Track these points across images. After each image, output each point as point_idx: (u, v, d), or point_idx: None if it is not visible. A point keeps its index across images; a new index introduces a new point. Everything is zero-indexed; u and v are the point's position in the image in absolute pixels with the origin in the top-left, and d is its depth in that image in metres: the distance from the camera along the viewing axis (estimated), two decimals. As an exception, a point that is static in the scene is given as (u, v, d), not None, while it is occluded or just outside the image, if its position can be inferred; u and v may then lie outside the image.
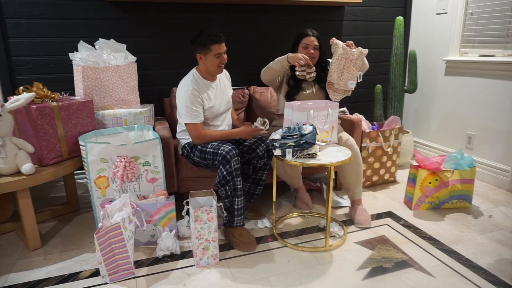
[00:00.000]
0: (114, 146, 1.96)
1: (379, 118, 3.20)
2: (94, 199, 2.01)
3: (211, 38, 2.03)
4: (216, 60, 2.08)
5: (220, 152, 1.99)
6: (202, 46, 2.07)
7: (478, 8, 2.87)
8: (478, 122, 2.92)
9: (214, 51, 2.05)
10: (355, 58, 2.21)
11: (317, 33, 2.35)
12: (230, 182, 1.95)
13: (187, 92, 2.08)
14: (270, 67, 2.33)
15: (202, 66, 2.15)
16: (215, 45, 2.04)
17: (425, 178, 2.37)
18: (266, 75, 2.38)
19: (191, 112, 2.09)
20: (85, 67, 2.24)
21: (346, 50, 2.20)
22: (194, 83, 2.11)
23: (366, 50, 2.22)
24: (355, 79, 2.26)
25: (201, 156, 2.13)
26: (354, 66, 2.24)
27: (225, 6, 2.84)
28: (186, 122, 2.12)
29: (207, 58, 2.08)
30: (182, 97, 2.11)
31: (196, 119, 2.10)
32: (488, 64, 2.78)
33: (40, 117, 1.95)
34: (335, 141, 2.17)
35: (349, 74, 2.25)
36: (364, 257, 1.91)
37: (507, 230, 2.16)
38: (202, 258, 1.84)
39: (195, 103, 2.09)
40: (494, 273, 1.76)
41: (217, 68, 2.12)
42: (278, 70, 2.30)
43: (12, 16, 2.43)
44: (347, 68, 2.24)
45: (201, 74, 2.16)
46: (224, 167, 1.96)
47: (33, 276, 1.79)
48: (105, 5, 2.59)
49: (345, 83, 2.27)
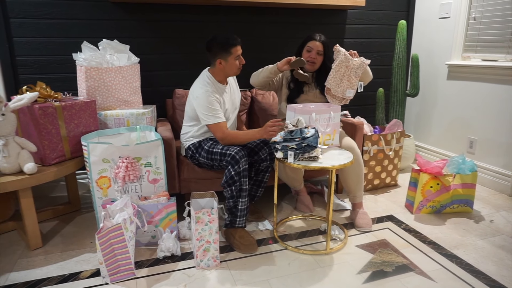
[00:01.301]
0: (116, 146, 1.97)
1: (381, 121, 3.20)
2: (96, 199, 2.02)
3: (231, 41, 2.04)
4: (236, 62, 2.09)
5: (229, 152, 1.99)
6: (222, 51, 2.05)
7: (481, 13, 2.87)
8: (480, 127, 2.92)
9: (234, 54, 2.06)
10: (355, 67, 2.17)
11: (324, 38, 2.32)
12: (237, 182, 1.95)
13: (207, 93, 2.06)
14: (258, 72, 2.35)
15: (220, 71, 2.12)
16: (235, 48, 2.05)
17: (427, 182, 2.37)
18: (254, 78, 2.39)
19: (213, 112, 2.06)
20: (88, 68, 2.25)
21: (348, 57, 2.16)
22: (210, 85, 2.10)
23: (368, 60, 2.18)
24: (354, 88, 2.22)
25: (207, 157, 2.13)
26: (354, 75, 2.19)
27: (229, 9, 2.85)
28: (210, 123, 2.07)
29: (228, 62, 2.08)
30: (201, 99, 2.07)
31: (219, 118, 2.07)
32: (491, 69, 2.78)
33: (43, 117, 1.96)
34: (337, 144, 2.17)
35: (349, 82, 2.20)
36: (364, 261, 1.91)
37: (508, 235, 2.15)
38: (203, 259, 1.84)
39: (215, 103, 2.07)
40: (495, 278, 1.75)
41: (237, 70, 2.13)
42: (265, 76, 2.30)
43: (16, 16, 2.45)
44: (346, 76, 2.20)
45: (216, 78, 2.15)
46: (233, 167, 1.96)
47: (33, 276, 1.79)
48: (109, 5, 2.60)
49: (343, 91, 2.23)
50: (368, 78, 2.29)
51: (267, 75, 2.29)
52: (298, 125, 1.94)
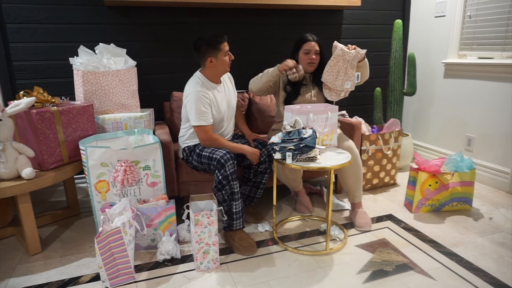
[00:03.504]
0: (114, 150, 1.97)
1: (378, 121, 3.21)
2: (95, 203, 2.01)
3: (218, 38, 2.04)
4: (226, 58, 2.09)
5: (215, 156, 1.98)
6: (211, 48, 2.04)
7: (477, 11, 2.88)
8: (477, 124, 2.93)
9: (223, 50, 2.06)
10: (351, 59, 2.18)
11: (316, 37, 2.34)
12: (226, 186, 1.95)
13: (196, 93, 2.05)
14: (259, 78, 2.31)
15: (211, 69, 2.11)
16: (223, 44, 2.05)
17: (425, 180, 2.37)
18: (254, 84, 2.34)
19: (200, 113, 2.05)
20: (85, 72, 2.25)
21: (344, 51, 2.16)
22: (201, 85, 2.09)
23: (363, 50, 2.18)
24: (352, 79, 2.23)
25: (198, 160, 2.13)
26: (350, 67, 2.20)
27: (225, 10, 2.86)
28: (195, 124, 2.07)
29: (218, 59, 2.07)
30: (190, 99, 2.07)
31: (205, 121, 2.06)
32: (487, 67, 2.79)
33: (40, 122, 1.96)
34: (335, 144, 2.18)
35: (346, 75, 2.22)
36: (364, 260, 1.91)
37: (507, 232, 2.16)
38: (203, 262, 1.84)
39: (204, 104, 2.06)
40: (494, 275, 1.75)
41: (227, 67, 2.13)
42: (267, 80, 2.27)
43: (12, 21, 2.45)
44: (343, 69, 2.21)
45: (208, 77, 2.14)
46: (220, 171, 1.95)
47: (33, 281, 1.78)
48: (105, 10, 2.60)
49: (341, 84, 2.24)
50: (365, 75, 2.30)
51: (269, 79, 2.26)
52: (296, 126, 1.94)
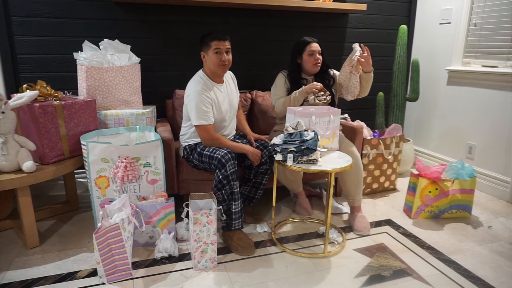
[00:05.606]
0: (115, 146, 1.97)
1: (380, 125, 3.21)
2: (94, 198, 2.01)
3: (213, 35, 2.06)
4: (215, 57, 2.07)
5: (216, 156, 1.98)
6: (203, 44, 2.10)
7: (482, 19, 2.88)
8: (479, 132, 2.93)
9: (213, 47, 2.06)
10: (351, 58, 2.30)
11: (315, 38, 2.38)
12: (226, 186, 1.94)
13: (197, 92, 2.06)
14: (287, 102, 2.29)
15: (206, 66, 2.15)
16: (214, 41, 2.06)
17: (425, 187, 2.37)
18: (281, 109, 2.33)
19: (201, 113, 2.05)
20: (89, 67, 2.25)
21: (352, 56, 2.30)
22: (202, 83, 2.10)
23: (355, 44, 2.29)
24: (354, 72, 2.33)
25: (199, 159, 2.13)
26: (349, 64, 2.32)
27: (230, 10, 2.86)
28: (196, 123, 2.07)
29: (208, 55, 2.09)
30: (191, 98, 2.08)
31: (205, 120, 2.06)
32: (491, 75, 2.78)
33: (42, 115, 1.96)
34: (336, 147, 2.17)
35: (352, 73, 2.35)
36: (362, 265, 1.90)
37: (506, 241, 2.15)
38: (200, 261, 1.83)
39: (205, 103, 2.06)
40: (492, 284, 1.75)
41: (218, 66, 2.09)
42: (298, 101, 2.29)
43: (17, 14, 2.45)
44: (349, 69, 2.35)
45: (208, 75, 2.16)
46: (220, 171, 1.95)
47: (30, 274, 1.78)
48: (111, 5, 2.60)
49: (355, 83, 2.35)
50: (366, 86, 2.38)
51: (299, 101, 2.29)
52: (298, 128, 1.95)
